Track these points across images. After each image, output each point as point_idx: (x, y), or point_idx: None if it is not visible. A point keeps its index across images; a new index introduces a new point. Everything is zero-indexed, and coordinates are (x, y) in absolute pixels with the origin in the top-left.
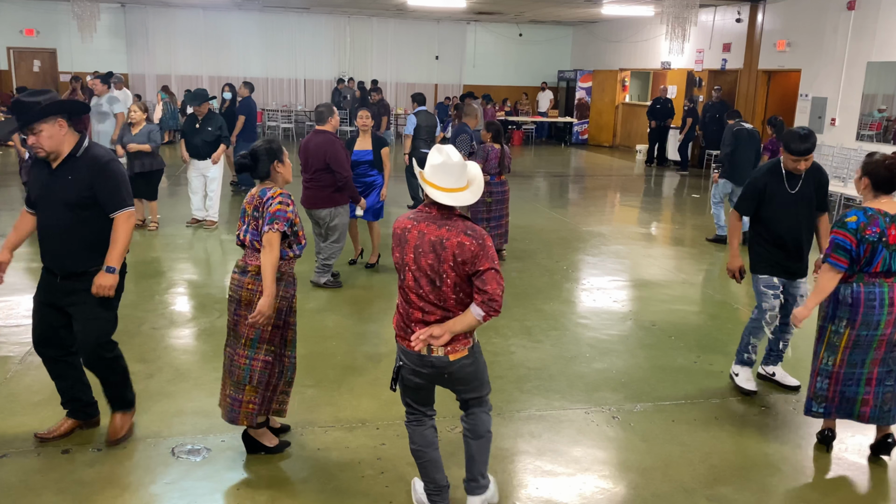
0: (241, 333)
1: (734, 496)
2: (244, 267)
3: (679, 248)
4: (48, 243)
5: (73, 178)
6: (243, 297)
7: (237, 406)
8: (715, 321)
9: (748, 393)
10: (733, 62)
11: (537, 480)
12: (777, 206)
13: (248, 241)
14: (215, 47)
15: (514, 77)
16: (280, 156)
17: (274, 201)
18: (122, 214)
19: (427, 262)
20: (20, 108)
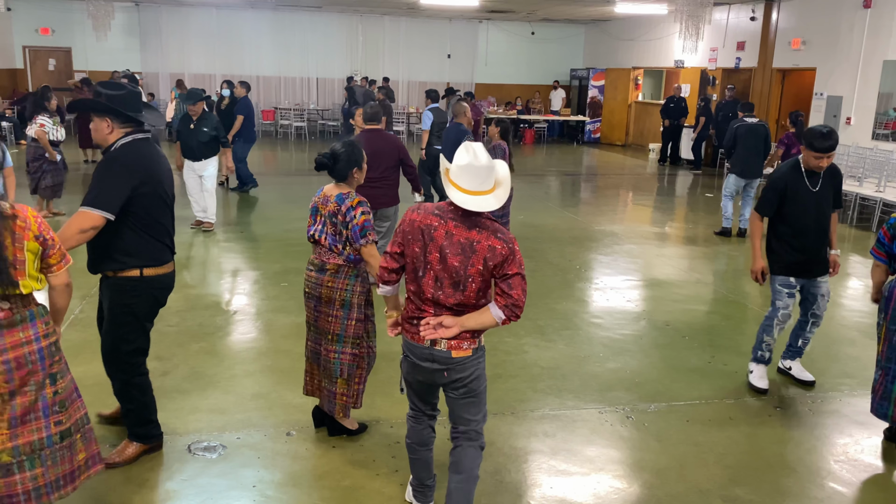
0: (325, 329)
1: (749, 497)
2: (321, 265)
3: (692, 248)
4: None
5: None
6: (323, 295)
7: (332, 398)
8: (729, 321)
9: (759, 391)
10: (747, 61)
11: (551, 480)
12: (798, 204)
13: (327, 243)
14: (228, 46)
15: (527, 75)
16: (361, 162)
17: (357, 212)
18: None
19: (454, 263)
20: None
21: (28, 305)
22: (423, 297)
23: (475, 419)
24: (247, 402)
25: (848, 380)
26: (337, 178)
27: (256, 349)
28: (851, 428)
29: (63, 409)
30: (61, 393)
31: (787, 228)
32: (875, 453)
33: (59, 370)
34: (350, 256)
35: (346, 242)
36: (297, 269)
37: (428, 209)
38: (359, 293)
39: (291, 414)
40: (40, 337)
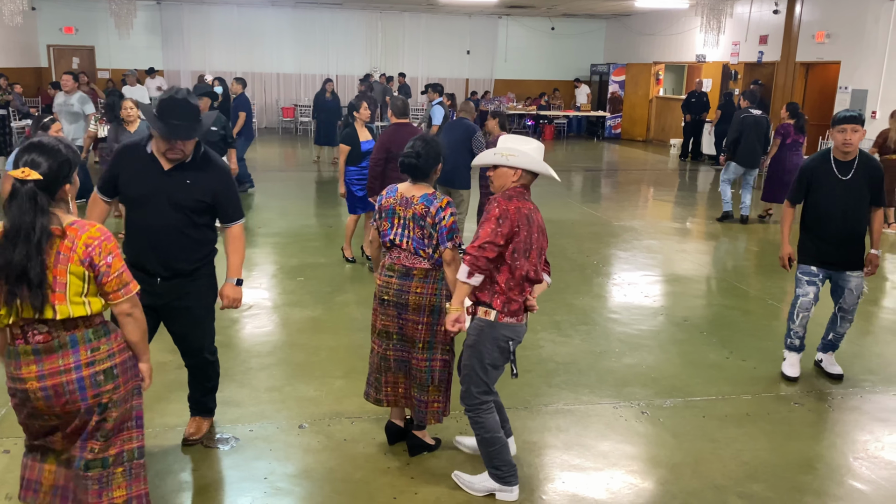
0: (415, 338)
1: (766, 494)
2: (406, 271)
3: (712, 243)
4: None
5: (191, 182)
6: (411, 302)
7: (423, 407)
8: (748, 317)
9: (789, 379)
10: (770, 55)
11: (564, 475)
12: (825, 193)
13: (412, 247)
14: (249, 43)
15: (546, 71)
16: (441, 158)
17: (446, 214)
18: (238, 224)
19: (542, 241)
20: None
21: (71, 330)
22: (530, 277)
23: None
24: (261, 395)
25: (871, 376)
26: (420, 178)
27: (272, 343)
28: (872, 425)
29: (103, 439)
30: (108, 422)
31: (811, 216)
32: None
33: (111, 399)
34: (439, 260)
35: (435, 246)
36: (314, 264)
37: (516, 194)
38: (446, 296)
39: (305, 407)
40: (82, 365)
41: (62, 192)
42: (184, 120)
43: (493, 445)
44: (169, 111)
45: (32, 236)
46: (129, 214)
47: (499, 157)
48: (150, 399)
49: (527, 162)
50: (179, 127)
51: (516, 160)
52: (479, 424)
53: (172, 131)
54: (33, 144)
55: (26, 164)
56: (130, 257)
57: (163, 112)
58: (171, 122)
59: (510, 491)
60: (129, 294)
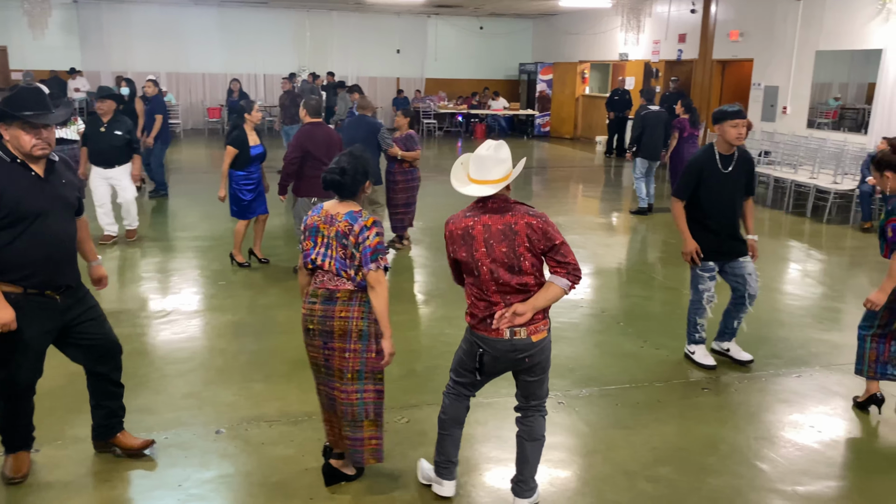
0: (343, 368)
1: (673, 477)
2: (329, 294)
3: (632, 236)
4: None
5: (66, 182)
6: (336, 328)
7: (360, 446)
8: (664, 307)
9: (708, 367)
10: (689, 52)
11: (481, 467)
12: (713, 187)
13: (334, 268)
14: (173, 43)
15: (477, 70)
16: (370, 173)
17: (371, 233)
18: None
19: (501, 250)
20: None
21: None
22: (489, 292)
23: (544, 393)
24: (177, 402)
25: (775, 360)
26: (346, 195)
27: (190, 348)
28: (776, 406)
29: None
30: None
31: (701, 211)
32: (796, 430)
33: None
34: (362, 282)
35: (358, 267)
36: (235, 268)
37: (458, 215)
38: (374, 321)
39: (223, 412)
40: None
41: None
42: (43, 108)
43: (441, 429)
44: (23, 103)
45: None
46: (13, 236)
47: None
48: (62, 411)
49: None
50: (41, 114)
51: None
52: (443, 404)
53: (37, 117)
54: None
55: None
56: (30, 282)
57: (17, 106)
58: (32, 111)
59: (441, 485)
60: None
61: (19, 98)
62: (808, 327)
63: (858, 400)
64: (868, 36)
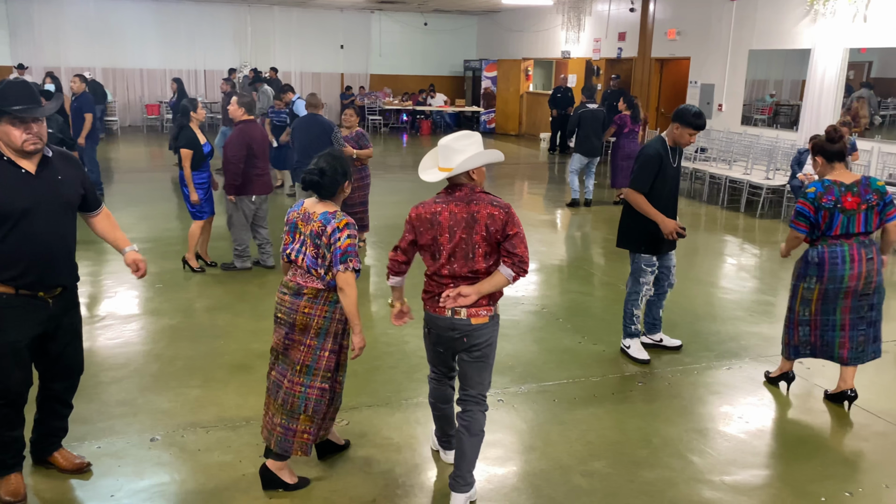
0: (295, 360)
1: (606, 470)
2: (298, 289)
3: (575, 233)
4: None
5: (63, 178)
6: (298, 322)
7: (291, 436)
8: (601, 302)
9: (642, 362)
10: (628, 51)
11: (421, 466)
12: (665, 180)
13: (306, 265)
14: (109, 38)
15: (422, 66)
16: (350, 174)
17: (342, 235)
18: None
19: (462, 236)
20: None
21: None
22: (442, 274)
23: (483, 383)
24: (111, 410)
25: (707, 353)
26: (325, 196)
27: (125, 354)
28: (707, 398)
29: None
30: None
31: (655, 201)
32: (726, 421)
33: None
34: (332, 282)
35: (328, 266)
36: (174, 270)
37: (428, 201)
38: (336, 321)
39: (158, 419)
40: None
41: None
42: (31, 101)
43: (432, 410)
44: (10, 98)
45: None
46: (5, 234)
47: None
48: None
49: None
50: (29, 107)
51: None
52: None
53: (26, 111)
54: None
55: None
56: (20, 282)
57: (5, 101)
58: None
59: (446, 453)
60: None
61: (6, 92)
62: (739, 321)
63: (771, 375)
64: (798, 36)
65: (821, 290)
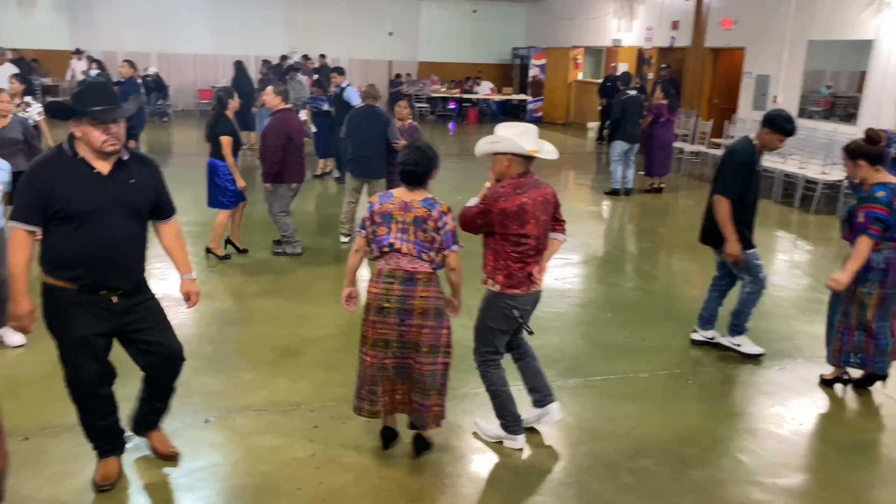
0: (419, 342)
1: (654, 468)
2: (408, 276)
3: (622, 225)
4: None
5: (136, 182)
6: (417, 307)
7: (425, 412)
8: (650, 296)
9: (760, 355)
10: (681, 40)
11: (469, 457)
12: (752, 182)
13: (415, 251)
14: (163, 24)
15: (469, 54)
16: (437, 164)
17: (448, 218)
18: (175, 218)
19: (543, 219)
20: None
21: None
22: (531, 255)
23: None
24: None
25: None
26: (418, 184)
27: (179, 336)
28: (758, 398)
29: None
30: None
31: (743, 206)
32: (778, 422)
33: None
34: (441, 264)
35: (438, 249)
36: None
37: (506, 192)
38: (443, 299)
39: (211, 401)
40: None
41: None
42: (109, 102)
43: (497, 398)
44: (91, 97)
45: None
46: (68, 233)
47: (487, 146)
48: (51, 398)
49: (509, 146)
50: (109, 109)
51: (501, 146)
52: (486, 378)
53: (105, 112)
54: None
55: None
56: (83, 281)
57: (86, 101)
58: (97, 107)
59: (514, 440)
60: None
61: (86, 93)
62: (792, 319)
63: (826, 378)
64: (860, 26)
65: (880, 295)
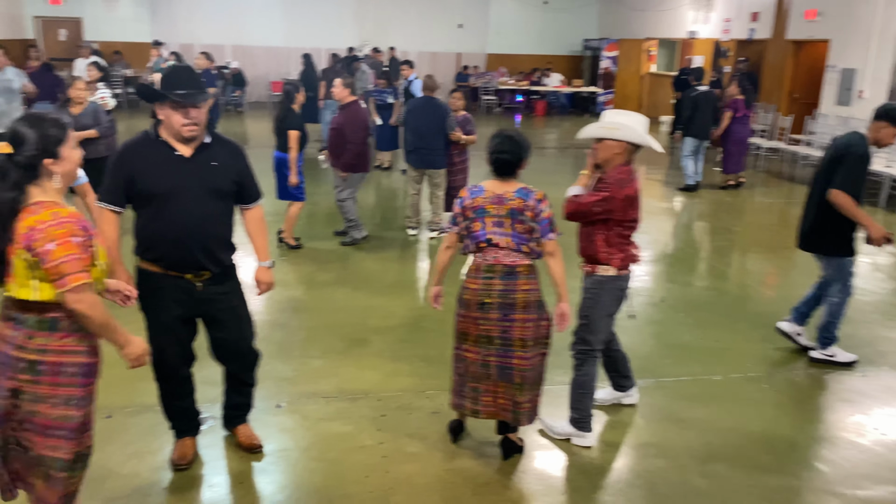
0: (524, 337)
1: (727, 473)
2: (508, 270)
3: (697, 223)
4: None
5: (218, 164)
6: (519, 300)
7: (522, 409)
8: (725, 297)
9: (854, 362)
10: (761, 32)
11: (535, 453)
12: (865, 179)
13: (514, 244)
14: (238, 16)
15: (539, 45)
16: (530, 152)
17: (544, 206)
18: (260, 204)
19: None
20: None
21: (23, 310)
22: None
23: None
24: None
25: None
26: (511, 175)
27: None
28: (837, 405)
29: (23, 430)
30: (20, 412)
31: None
32: (860, 431)
33: (24, 391)
34: (540, 254)
35: (537, 239)
36: (285, 250)
37: (627, 178)
38: (540, 290)
39: (282, 387)
40: (14, 345)
41: (42, 167)
42: (191, 87)
43: (582, 389)
44: (175, 82)
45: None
46: (151, 214)
47: (604, 131)
48: (128, 378)
49: (630, 135)
50: (190, 93)
51: (620, 133)
52: (581, 369)
53: (186, 97)
54: (23, 117)
55: (6, 137)
56: (164, 262)
57: (169, 85)
58: (180, 91)
59: (584, 437)
60: (65, 286)
61: (171, 78)
62: (875, 324)
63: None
64: None
65: None
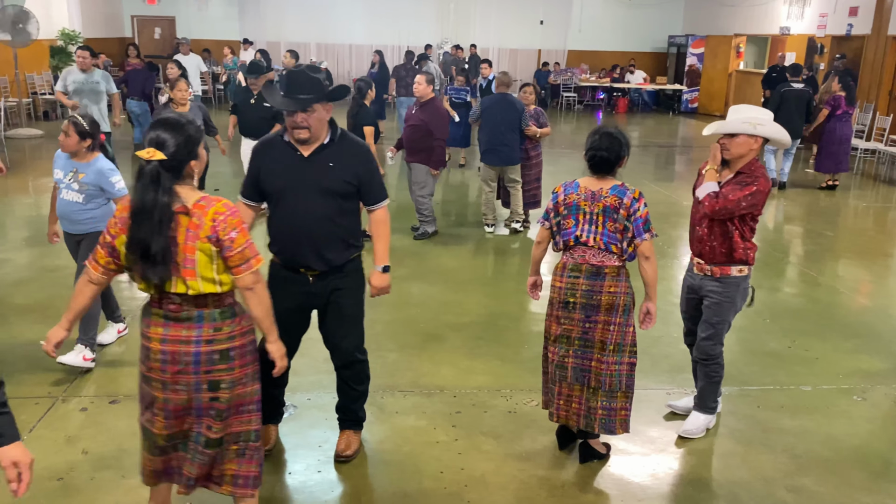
0: (605, 340)
1: (816, 488)
2: (595, 270)
3: (784, 225)
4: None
5: (333, 165)
6: (604, 302)
7: (613, 415)
8: (815, 305)
9: None
10: (860, 27)
11: (613, 457)
12: None
13: (603, 243)
14: (322, 14)
15: (622, 42)
16: (629, 150)
17: (640, 204)
18: (383, 207)
19: None
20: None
21: (201, 306)
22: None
23: None
24: (319, 365)
25: None
26: (608, 172)
27: None
28: None
29: (219, 419)
30: (222, 402)
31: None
32: None
33: (222, 379)
34: (632, 255)
35: (630, 239)
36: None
37: (765, 174)
38: (631, 295)
39: None
40: (202, 341)
41: (188, 168)
42: (296, 92)
43: (719, 379)
44: (288, 86)
45: (154, 215)
46: (273, 210)
47: (748, 126)
48: None
49: (773, 130)
50: (288, 99)
51: (764, 129)
52: (719, 364)
53: (287, 103)
54: (158, 122)
55: (151, 143)
56: (281, 256)
57: (284, 89)
58: (286, 96)
59: (713, 417)
60: (251, 269)
61: (283, 80)
62: None
63: None
64: None
65: None
